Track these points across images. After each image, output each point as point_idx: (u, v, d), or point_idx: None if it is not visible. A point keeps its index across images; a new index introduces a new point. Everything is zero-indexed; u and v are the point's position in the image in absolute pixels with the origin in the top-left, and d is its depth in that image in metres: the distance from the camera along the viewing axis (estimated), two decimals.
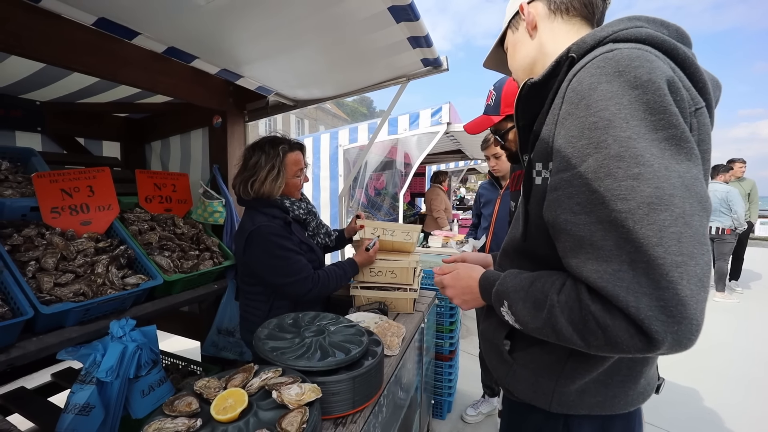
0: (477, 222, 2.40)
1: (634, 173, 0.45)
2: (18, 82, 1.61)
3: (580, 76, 0.52)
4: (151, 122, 2.30)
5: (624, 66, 0.48)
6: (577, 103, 0.51)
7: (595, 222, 0.47)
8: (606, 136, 0.47)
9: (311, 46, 1.36)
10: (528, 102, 0.64)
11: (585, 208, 0.48)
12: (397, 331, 1.24)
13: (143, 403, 1.15)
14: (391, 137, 3.51)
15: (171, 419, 0.63)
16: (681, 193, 0.44)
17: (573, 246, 0.50)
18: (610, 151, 0.47)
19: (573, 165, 0.50)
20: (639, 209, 0.44)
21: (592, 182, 0.48)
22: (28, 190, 1.36)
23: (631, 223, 0.44)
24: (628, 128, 0.46)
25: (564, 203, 0.51)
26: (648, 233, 0.43)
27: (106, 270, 1.28)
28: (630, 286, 0.44)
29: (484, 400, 2.18)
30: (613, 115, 0.47)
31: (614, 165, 0.46)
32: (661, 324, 0.43)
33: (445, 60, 1.59)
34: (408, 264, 1.47)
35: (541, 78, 0.61)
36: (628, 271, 0.45)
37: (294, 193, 1.45)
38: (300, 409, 0.65)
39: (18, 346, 1.03)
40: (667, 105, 0.46)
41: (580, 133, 0.50)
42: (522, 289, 0.59)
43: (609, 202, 0.46)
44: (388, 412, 1.06)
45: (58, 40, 1.20)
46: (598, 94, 0.49)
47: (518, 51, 0.73)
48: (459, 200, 9.68)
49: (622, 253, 0.45)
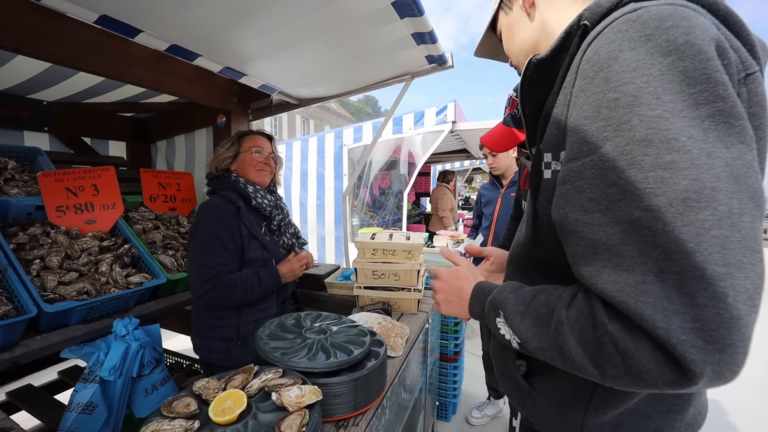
0: (477, 223, 2.39)
1: (666, 161, 0.36)
2: (25, 82, 1.62)
3: (597, 45, 0.43)
4: (156, 122, 2.31)
5: (652, 28, 0.39)
6: (592, 76, 0.42)
7: (613, 222, 0.38)
8: (630, 115, 0.38)
9: (315, 43, 1.35)
10: (534, 84, 0.55)
11: (600, 205, 0.40)
12: (401, 331, 1.22)
13: (146, 402, 1.15)
14: (395, 136, 3.49)
15: (169, 421, 0.62)
16: (728, 187, 0.35)
17: (585, 251, 0.41)
18: (634, 134, 0.37)
19: (585, 152, 0.41)
20: (671, 207, 0.35)
21: (610, 173, 0.39)
22: (33, 189, 1.37)
23: (660, 224, 0.35)
24: (658, 105, 0.37)
25: (574, 199, 0.42)
26: (683, 237, 0.34)
27: (110, 269, 1.28)
28: (658, 303, 0.35)
29: (489, 402, 2.16)
30: (638, 89, 0.38)
31: (640, 151, 0.37)
32: (698, 352, 0.34)
33: (450, 57, 1.57)
34: (411, 267, 1.44)
35: (549, 53, 0.51)
36: (654, 284, 0.36)
37: (250, 173, 1.34)
38: (300, 412, 0.64)
39: (22, 344, 1.04)
40: (712, 72, 0.37)
41: (596, 112, 0.41)
42: (523, 302, 0.50)
43: (632, 197, 0.37)
44: (392, 413, 1.04)
45: (64, 40, 1.21)
46: (619, 65, 0.39)
47: (515, 34, 0.63)
48: (464, 200, 9.63)
49: (647, 260, 0.36)
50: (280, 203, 1.43)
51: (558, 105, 0.49)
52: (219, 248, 1.20)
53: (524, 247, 0.60)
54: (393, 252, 1.47)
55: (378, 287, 1.49)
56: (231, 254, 1.21)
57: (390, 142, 3.62)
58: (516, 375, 0.59)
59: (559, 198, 0.45)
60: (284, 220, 1.43)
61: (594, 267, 0.40)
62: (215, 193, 1.32)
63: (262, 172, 1.36)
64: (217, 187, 1.32)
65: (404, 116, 3.40)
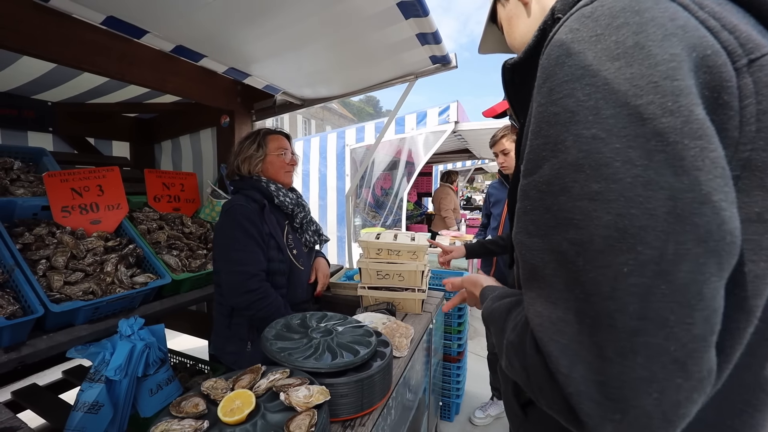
0: (486, 222, 2.38)
1: (592, 191, 0.31)
2: (30, 83, 1.63)
3: (550, 47, 0.38)
4: (160, 122, 2.32)
5: (603, 26, 0.33)
6: (540, 85, 0.37)
7: (548, 250, 0.35)
8: (566, 134, 0.33)
9: (319, 43, 1.35)
10: (519, 89, 0.49)
11: (540, 230, 0.36)
12: (406, 332, 1.22)
13: (151, 402, 1.15)
14: (398, 136, 3.49)
15: (178, 420, 0.62)
16: (663, 226, 0.29)
17: (527, 276, 0.39)
18: (567, 156, 0.33)
19: (530, 171, 0.38)
20: (592, 243, 0.31)
21: (547, 197, 0.35)
22: (39, 190, 1.38)
23: (582, 260, 0.32)
24: (595, 122, 0.32)
25: (521, 220, 0.39)
26: (599, 279, 0.31)
27: (115, 269, 1.29)
28: (569, 346, 0.32)
29: (492, 403, 2.16)
30: (578, 103, 0.33)
31: (570, 177, 0.33)
32: (595, 406, 0.31)
33: (453, 57, 1.57)
34: (416, 267, 1.44)
35: (524, 55, 0.46)
36: (572, 324, 0.33)
37: (279, 175, 1.36)
38: (308, 412, 0.64)
39: (29, 344, 1.04)
40: (662, 79, 0.30)
41: (539, 128, 0.37)
42: (500, 318, 0.48)
43: (561, 227, 0.34)
44: (397, 414, 1.04)
45: (69, 40, 1.21)
46: (564, 73, 0.34)
47: (515, 27, 0.57)
48: (466, 200, 9.62)
49: (570, 297, 0.33)
50: (301, 201, 1.44)
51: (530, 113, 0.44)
52: (250, 244, 1.20)
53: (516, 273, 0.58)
54: (397, 252, 1.46)
55: (382, 287, 1.49)
56: (264, 252, 1.23)
57: (393, 143, 3.62)
58: (512, 400, 0.56)
59: (514, 215, 0.43)
60: (306, 218, 1.43)
61: (532, 293, 0.38)
62: (238, 192, 1.33)
63: (290, 174, 1.40)
64: (241, 186, 1.33)
65: (407, 116, 3.40)
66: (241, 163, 1.34)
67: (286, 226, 1.36)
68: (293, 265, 1.33)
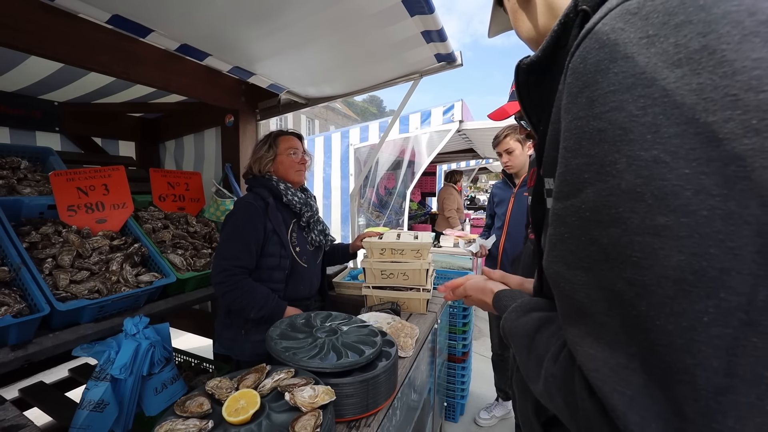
0: (490, 222, 2.36)
1: (657, 225, 0.26)
2: (37, 83, 1.64)
3: (585, 48, 0.32)
4: (165, 122, 2.33)
5: (658, 25, 0.27)
6: (576, 94, 0.32)
7: (596, 286, 0.30)
8: (617, 155, 0.28)
9: (324, 41, 1.34)
10: (534, 90, 0.45)
11: (582, 262, 0.32)
12: (411, 332, 1.21)
13: (156, 401, 1.15)
14: (402, 135, 3.47)
15: (182, 420, 0.61)
16: (752, 268, 0.24)
17: (569, 311, 0.34)
18: (620, 182, 0.28)
19: (566, 193, 0.33)
20: (659, 287, 0.26)
21: (592, 226, 0.30)
22: (45, 189, 1.39)
23: (644, 305, 0.27)
24: (655, 143, 0.26)
25: (556, 247, 0.35)
26: (669, 328, 0.26)
27: (121, 268, 1.29)
28: (636, 399, 0.28)
29: (497, 404, 2.14)
30: (630, 119, 0.28)
31: (626, 206, 0.28)
32: None
33: (459, 55, 1.56)
34: (420, 266, 1.43)
35: (541, 54, 0.41)
36: (639, 373, 0.28)
37: (290, 172, 1.40)
38: (313, 412, 0.63)
39: (35, 342, 1.04)
40: (754, 89, 0.24)
41: (577, 144, 0.31)
42: (527, 335, 0.44)
43: (614, 263, 0.29)
44: (402, 415, 1.04)
45: (75, 40, 1.22)
46: (608, 81, 0.29)
47: (520, 20, 0.50)
48: (470, 200, 9.59)
49: (632, 342, 0.28)
50: (310, 201, 1.47)
51: (552, 120, 0.39)
52: (238, 243, 1.26)
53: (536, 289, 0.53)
54: (401, 251, 1.46)
55: (386, 287, 1.48)
56: (249, 251, 1.27)
57: (397, 142, 3.61)
58: (533, 419, 0.50)
59: (546, 242, 0.37)
60: (313, 217, 1.46)
61: (578, 331, 0.33)
62: (251, 190, 1.39)
63: (300, 173, 1.44)
64: (253, 185, 1.39)
65: (411, 115, 3.39)
66: (254, 163, 1.41)
67: (293, 224, 1.39)
68: (295, 262, 1.37)
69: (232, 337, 1.33)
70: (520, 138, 1.93)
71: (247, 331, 1.30)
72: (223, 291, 1.23)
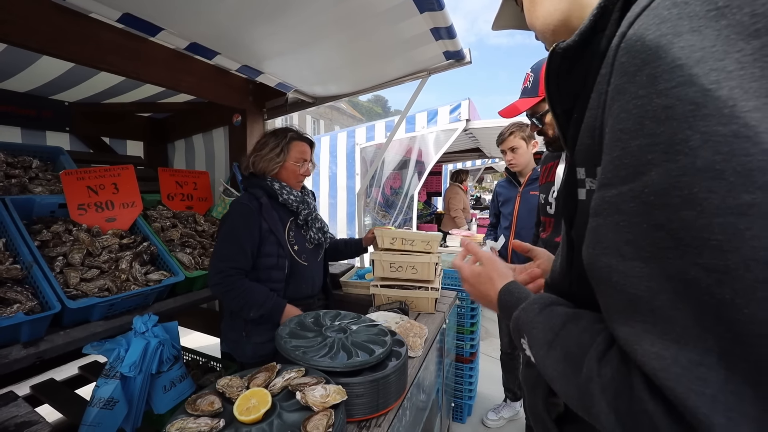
0: (495, 222, 2.33)
1: (742, 204, 0.25)
2: (48, 84, 1.66)
3: (641, 25, 0.30)
4: (173, 122, 2.34)
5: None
6: (634, 72, 0.30)
7: (660, 277, 0.28)
8: (689, 131, 0.26)
9: (332, 40, 1.34)
10: (564, 77, 0.43)
11: (641, 251, 0.30)
12: (420, 331, 1.20)
13: (165, 399, 1.15)
14: (408, 135, 3.46)
15: (194, 419, 0.61)
16: None
17: (621, 307, 0.32)
18: (695, 160, 0.26)
19: (623, 178, 0.31)
20: (747, 270, 0.25)
21: (657, 211, 0.28)
22: (56, 188, 1.40)
23: (728, 292, 0.25)
24: (734, 117, 0.25)
25: (607, 238, 0.33)
26: (761, 316, 0.24)
27: (130, 266, 1.30)
28: (719, 398, 0.26)
29: (505, 405, 2.12)
30: (703, 93, 0.26)
31: (702, 186, 0.26)
32: None
33: (468, 52, 1.54)
34: (429, 259, 1.42)
35: (578, 38, 0.39)
36: (716, 369, 0.26)
37: (291, 180, 1.39)
38: (325, 412, 0.62)
39: (47, 339, 1.05)
40: None
41: (638, 124, 0.29)
42: (551, 329, 0.42)
43: (687, 249, 0.27)
44: (411, 415, 1.02)
45: (86, 39, 1.22)
46: (673, 57, 0.27)
47: (539, 5, 0.49)
48: (475, 199, 9.54)
49: (707, 336, 0.27)
50: (307, 198, 1.45)
51: (591, 106, 0.37)
52: (233, 244, 1.25)
53: (560, 285, 0.49)
54: (411, 242, 1.47)
55: (395, 285, 1.47)
56: (245, 252, 1.25)
57: (403, 142, 3.60)
58: (545, 417, 0.48)
59: (590, 233, 0.35)
60: (311, 215, 1.43)
61: (632, 329, 0.31)
62: (246, 190, 1.38)
63: (301, 183, 1.44)
64: (248, 185, 1.38)
65: (417, 114, 3.38)
66: (258, 160, 1.36)
67: (290, 222, 1.37)
68: (294, 261, 1.34)
69: (235, 339, 1.32)
70: (526, 135, 1.91)
71: (247, 333, 1.29)
72: (221, 292, 1.22)
